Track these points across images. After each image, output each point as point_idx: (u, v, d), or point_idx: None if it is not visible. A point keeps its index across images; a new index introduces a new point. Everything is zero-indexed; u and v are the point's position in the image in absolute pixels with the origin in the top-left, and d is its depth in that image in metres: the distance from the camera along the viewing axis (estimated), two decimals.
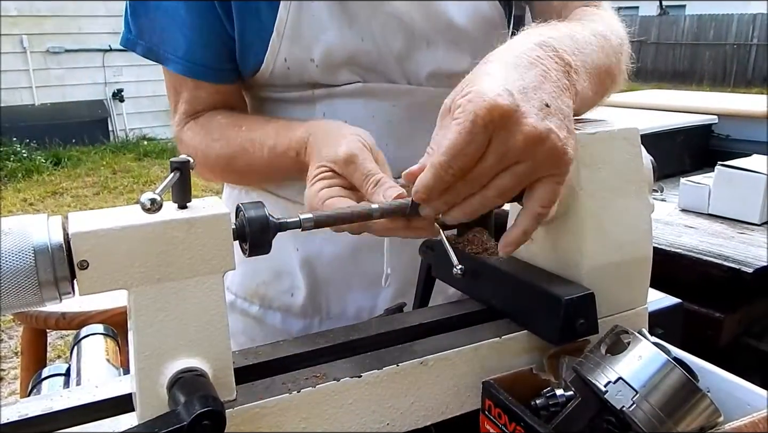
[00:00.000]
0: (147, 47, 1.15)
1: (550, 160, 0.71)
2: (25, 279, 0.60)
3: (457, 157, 0.69)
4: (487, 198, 0.73)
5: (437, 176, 0.70)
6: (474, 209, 0.74)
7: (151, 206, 0.60)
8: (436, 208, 0.75)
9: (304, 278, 1.26)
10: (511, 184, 0.72)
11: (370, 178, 0.85)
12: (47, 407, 0.73)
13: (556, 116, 0.72)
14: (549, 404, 0.77)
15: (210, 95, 1.19)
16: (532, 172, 0.72)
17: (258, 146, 1.07)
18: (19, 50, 9.69)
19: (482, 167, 0.70)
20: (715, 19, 20.83)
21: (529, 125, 0.69)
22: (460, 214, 0.75)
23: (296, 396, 0.73)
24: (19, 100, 9.77)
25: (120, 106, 10.59)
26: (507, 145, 0.69)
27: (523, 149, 0.69)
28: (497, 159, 0.70)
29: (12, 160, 8.69)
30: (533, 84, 0.73)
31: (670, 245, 1.98)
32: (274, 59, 1.12)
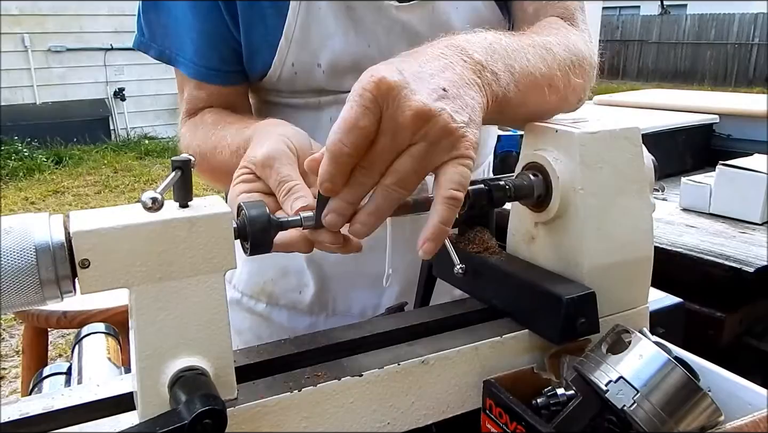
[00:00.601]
0: (159, 50, 1.18)
1: (445, 140, 0.71)
2: (27, 278, 0.60)
3: (350, 131, 0.68)
4: (387, 189, 0.71)
5: (332, 156, 0.69)
6: (379, 208, 0.72)
7: (152, 205, 0.60)
8: (340, 213, 0.73)
9: (312, 275, 1.27)
10: (409, 167, 0.70)
11: (284, 184, 0.82)
12: (48, 405, 0.73)
13: (453, 101, 0.72)
14: (550, 403, 0.77)
15: (209, 95, 1.19)
16: (430, 154, 0.71)
17: (224, 144, 1.06)
18: (20, 49, 9.70)
19: (377, 148, 0.69)
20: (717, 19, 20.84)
21: (417, 101, 0.69)
22: (366, 219, 0.73)
23: (297, 395, 0.73)
24: (20, 99, 9.78)
25: (121, 105, 10.59)
26: (397, 121, 0.69)
27: (413, 124, 0.69)
28: (390, 137, 0.69)
29: (13, 159, 8.69)
30: (430, 71, 0.74)
31: (671, 244, 1.98)
32: (282, 64, 1.13)
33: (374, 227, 0.74)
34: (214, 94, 1.19)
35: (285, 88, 1.17)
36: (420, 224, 0.78)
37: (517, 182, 0.87)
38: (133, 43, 1.20)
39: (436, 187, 0.72)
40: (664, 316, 1.12)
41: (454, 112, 0.71)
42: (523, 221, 0.95)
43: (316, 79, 1.14)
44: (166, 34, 1.16)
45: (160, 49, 1.18)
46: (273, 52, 1.12)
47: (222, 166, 1.06)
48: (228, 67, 1.16)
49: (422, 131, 0.70)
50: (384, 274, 1.19)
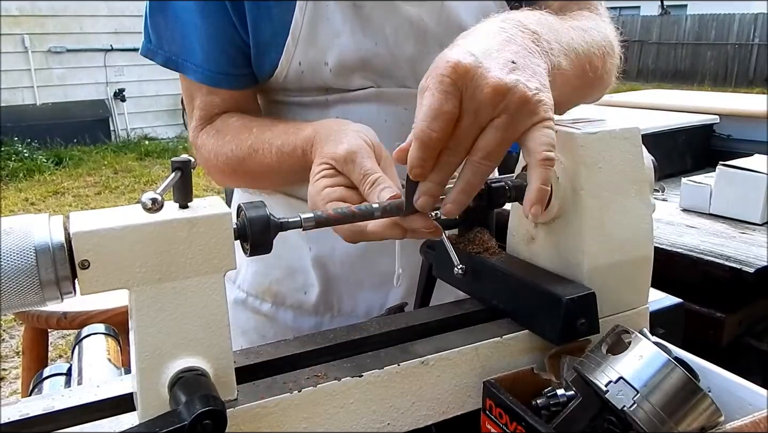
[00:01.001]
0: (166, 57, 1.17)
1: (525, 109, 0.73)
2: (27, 279, 0.60)
3: (436, 118, 0.71)
4: (476, 164, 0.74)
5: (422, 143, 0.72)
6: (468, 184, 0.75)
7: (152, 206, 0.60)
8: (431, 194, 0.76)
9: (317, 276, 1.27)
10: (494, 140, 0.73)
11: (368, 177, 0.85)
12: (48, 406, 0.73)
13: (523, 71, 0.75)
14: (550, 403, 0.77)
15: (224, 100, 1.19)
16: (512, 124, 0.73)
17: (267, 147, 1.07)
18: (20, 50, 9.70)
19: (461, 128, 0.72)
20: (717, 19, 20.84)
21: (494, 77, 0.72)
22: (457, 197, 0.76)
23: (297, 396, 0.73)
24: (20, 100, 9.79)
25: (121, 105, 10.59)
26: (477, 100, 0.72)
27: (493, 100, 0.72)
28: (473, 116, 0.72)
29: (13, 160, 8.69)
30: (497, 47, 0.76)
31: (671, 244, 1.98)
32: (289, 63, 1.13)
33: (466, 204, 0.77)
34: (228, 99, 1.19)
35: (292, 87, 1.17)
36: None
37: (517, 183, 0.87)
38: (140, 50, 1.20)
39: (526, 154, 0.75)
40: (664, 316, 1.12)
41: (526, 81, 0.74)
42: (523, 222, 0.95)
43: (323, 77, 1.14)
44: (174, 40, 1.16)
45: (167, 56, 1.17)
46: (280, 52, 1.12)
47: (264, 167, 1.09)
48: (238, 71, 1.16)
49: (502, 105, 0.72)
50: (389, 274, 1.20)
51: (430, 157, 0.73)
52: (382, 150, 0.92)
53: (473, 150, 0.74)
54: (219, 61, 1.14)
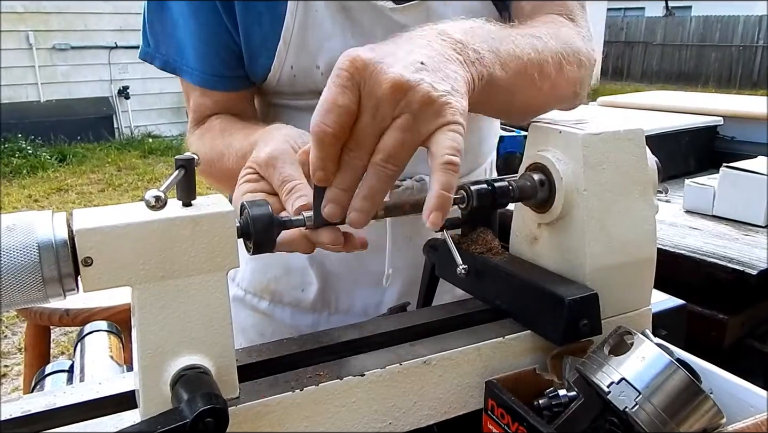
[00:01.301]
0: (164, 60, 1.19)
1: (429, 110, 0.70)
2: (30, 275, 0.60)
3: (330, 111, 0.68)
4: (378, 167, 0.70)
5: (317, 139, 0.68)
6: (372, 189, 0.71)
7: (155, 204, 0.60)
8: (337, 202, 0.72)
9: (315, 273, 1.28)
10: (396, 140, 0.69)
11: (286, 184, 0.82)
12: (50, 403, 0.74)
13: (432, 73, 0.71)
14: (552, 404, 0.77)
15: (215, 102, 1.20)
16: (415, 124, 0.70)
17: (231, 150, 1.07)
18: (25, 47, 9.71)
19: (361, 126, 0.69)
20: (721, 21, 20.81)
21: (393, 73, 0.69)
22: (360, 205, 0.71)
23: (299, 394, 0.73)
24: (24, 97, 9.79)
25: (125, 103, 10.60)
26: (376, 96, 0.68)
27: (393, 97, 0.68)
28: (372, 113, 0.69)
29: (17, 157, 8.70)
30: (408, 50, 0.74)
31: (674, 246, 1.98)
32: (281, 66, 1.14)
33: (371, 212, 0.72)
34: (220, 101, 1.20)
35: (285, 90, 1.18)
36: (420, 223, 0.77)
37: (520, 183, 0.87)
38: (138, 53, 1.21)
39: (430, 158, 0.70)
40: (667, 318, 1.12)
41: (433, 81, 0.70)
42: (526, 222, 0.95)
43: (315, 80, 1.14)
44: (170, 44, 1.17)
45: (164, 59, 1.19)
46: (272, 56, 1.13)
47: (228, 172, 1.06)
48: (231, 73, 1.17)
49: (403, 103, 0.69)
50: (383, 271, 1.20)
51: (329, 157, 0.69)
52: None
53: (375, 151, 0.70)
54: (212, 63, 1.15)
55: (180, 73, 1.19)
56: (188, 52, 1.16)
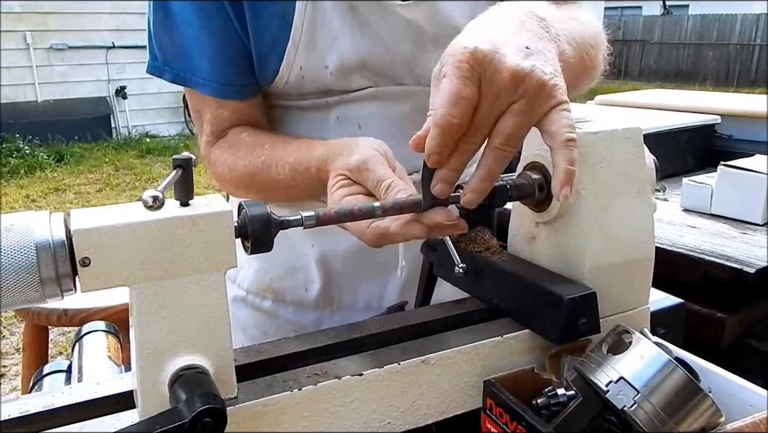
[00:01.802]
0: (174, 73, 1.18)
1: (543, 93, 0.73)
2: (27, 276, 0.60)
3: (456, 103, 0.70)
4: (497, 150, 0.73)
5: (442, 129, 0.71)
6: (489, 171, 0.74)
7: (153, 203, 0.60)
8: (447, 181, 0.75)
9: (319, 272, 1.28)
10: (513, 124, 0.73)
11: (382, 182, 0.86)
12: (48, 403, 0.73)
13: (537, 56, 0.75)
14: (550, 403, 0.77)
15: (233, 113, 1.19)
16: (531, 109, 0.73)
17: (280, 163, 1.08)
18: (22, 47, 9.71)
19: (480, 114, 0.72)
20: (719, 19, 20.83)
21: (511, 62, 0.72)
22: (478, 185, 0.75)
23: (297, 394, 0.73)
24: (22, 97, 9.79)
25: (123, 103, 10.60)
26: (496, 85, 0.71)
27: (511, 85, 0.71)
28: (492, 101, 0.72)
29: (15, 157, 8.70)
30: (510, 33, 0.77)
31: (672, 244, 1.98)
32: (290, 68, 1.14)
33: (487, 191, 0.76)
34: (237, 111, 1.19)
35: (293, 91, 1.18)
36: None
37: (518, 182, 0.87)
38: (146, 68, 1.20)
39: (548, 138, 0.75)
40: (665, 316, 1.12)
41: (542, 66, 0.74)
42: (524, 221, 0.95)
43: (323, 80, 1.15)
44: (179, 56, 1.16)
45: (174, 72, 1.17)
46: (281, 57, 1.13)
47: (277, 183, 1.09)
48: (245, 80, 1.17)
49: (521, 90, 0.72)
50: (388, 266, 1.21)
51: (448, 144, 0.72)
52: (394, 161, 0.93)
53: (493, 135, 0.73)
54: (227, 72, 1.15)
55: (193, 86, 1.18)
56: (200, 63, 1.15)
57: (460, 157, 0.74)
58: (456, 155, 0.74)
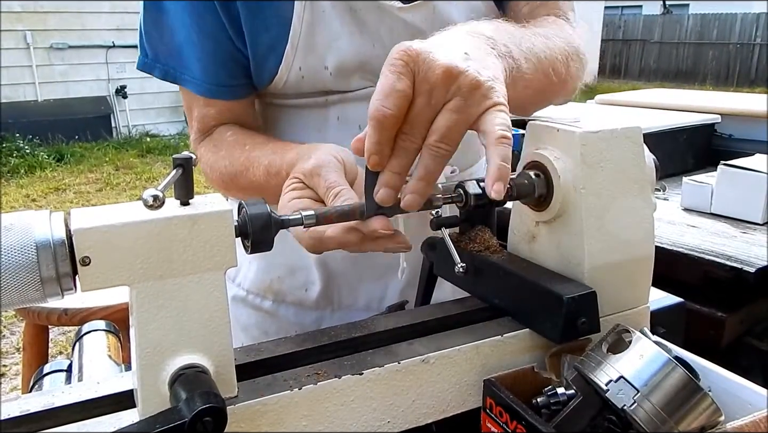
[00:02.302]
0: (164, 70, 1.19)
1: (478, 93, 0.74)
2: (27, 275, 0.60)
3: (389, 95, 0.71)
4: (433, 148, 0.73)
5: (377, 122, 0.71)
6: (428, 170, 0.74)
7: (153, 203, 0.60)
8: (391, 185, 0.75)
9: (319, 273, 1.28)
10: (448, 122, 0.73)
11: (332, 189, 0.86)
12: (49, 403, 0.73)
13: (475, 61, 0.77)
14: (550, 402, 0.77)
15: (219, 112, 1.20)
16: (466, 107, 0.74)
17: (256, 165, 1.08)
18: (22, 46, 9.70)
19: (415, 110, 0.73)
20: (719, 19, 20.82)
21: (445, 60, 0.73)
22: (416, 186, 0.75)
23: (298, 393, 0.73)
24: (22, 96, 9.78)
25: (123, 102, 10.59)
26: (430, 81, 0.72)
27: (445, 82, 0.73)
28: (426, 97, 0.73)
29: (15, 156, 8.69)
30: (451, 43, 0.80)
31: (672, 244, 1.98)
32: (289, 69, 1.14)
33: (427, 194, 0.76)
34: (224, 110, 1.20)
35: (291, 91, 1.18)
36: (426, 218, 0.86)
37: (518, 181, 0.87)
38: (136, 64, 1.21)
39: (483, 137, 0.75)
40: (665, 316, 1.12)
41: (479, 69, 0.75)
42: (524, 220, 0.95)
43: (323, 80, 1.15)
44: (170, 54, 1.17)
45: (164, 69, 1.18)
46: (279, 59, 1.13)
47: (254, 185, 1.09)
48: (236, 81, 1.17)
49: (454, 87, 0.73)
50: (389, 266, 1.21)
51: (386, 140, 0.73)
52: (356, 168, 0.93)
53: (431, 131, 0.74)
54: (217, 74, 1.15)
55: (183, 84, 1.19)
56: (191, 62, 1.15)
57: (401, 158, 0.74)
58: (396, 156, 0.74)
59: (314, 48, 1.12)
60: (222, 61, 1.14)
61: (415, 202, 0.76)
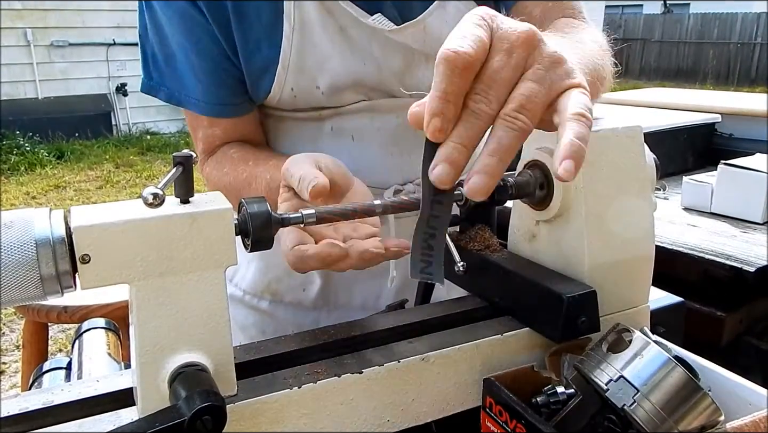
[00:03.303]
0: (168, 93, 1.19)
1: (561, 68, 0.63)
2: (27, 272, 0.60)
3: (464, 37, 0.59)
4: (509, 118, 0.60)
5: (450, 66, 0.58)
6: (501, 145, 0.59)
7: (153, 201, 0.60)
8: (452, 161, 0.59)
9: (318, 273, 1.29)
10: (531, 90, 0.61)
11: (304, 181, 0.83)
12: (48, 400, 0.73)
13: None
14: (550, 401, 0.77)
15: (225, 131, 1.21)
16: (549, 79, 0.62)
17: (258, 180, 1.09)
18: (23, 43, 9.69)
19: (493, 66, 0.60)
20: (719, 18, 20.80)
21: (526, 26, 0.62)
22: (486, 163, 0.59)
23: (297, 392, 0.73)
24: (22, 94, 9.78)
25: (123, 100, 10.59)
26: (510, 39, 0.61)
27: (526, 45, 0.61)
28: (505, 56, 0.60)
29: (15, 154, 8.70)
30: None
31: (672, 243, 1.98)
32: (281, 89, 1.15)
33: (499, 175, 0.59)
34: (229, 129, 1.21)
35: (286, 107, 1.19)
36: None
37: (518, 180, 0.87)
38: (140, 87, 1.21)
39: (558, 113, 0.62)
40: (665, 315, 1.12)
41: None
42: (525, 219, 0.95)
43: (316, 99, 1.16)
44: (172, 77, 1.17)
45: (169, 92, 1.19)
46: (272, 80, 1.14)
47: None
48: (237, 99, 1.18)
49: (536, 53, 0.62)
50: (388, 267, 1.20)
51: (455, 93, 0.58)
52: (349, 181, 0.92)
53: (510, 98, 0.60)
54: (218, 93, 1.16)
55: (186, 106, 1.19)
56: (192, 83, 1.16)
57: (469, 126, 0.59)
58: (463, 122, 0.59)
59: (305, 70, 1.13)
60: (221, 81, 1.15)
61: (484, 185, 0.59)
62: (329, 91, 1.15)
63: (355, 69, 1.14)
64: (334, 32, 1.12)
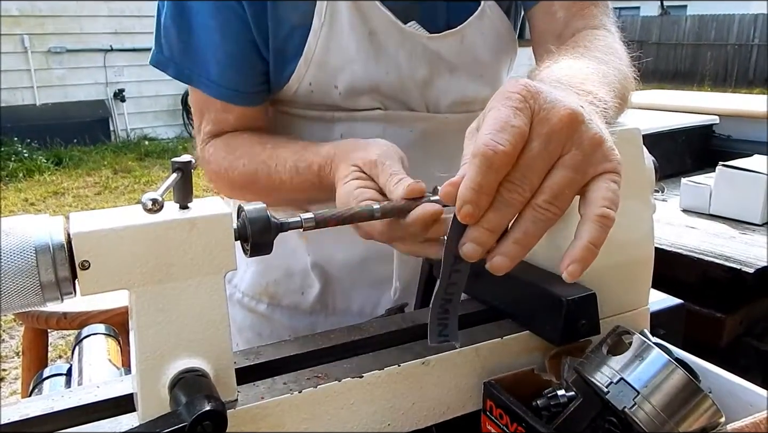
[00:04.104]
0: (178, 69, 1.16)
1: (599, 151, 0.62)
2: (27, 279, 0.60)
3: (503, 129, 0.58)
4: (539, 208, 0.61)
5: (486, 162, 0.57)
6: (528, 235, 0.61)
7: (152, 206, 0.60)
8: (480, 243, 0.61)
9: (316, 277, 1.28)
10: (564, 180, 0.60)
11: (394, 177, 0.84)
12: (48, 407, 0.73)
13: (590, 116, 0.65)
14: (550, 404, 0.77)
15: (237, 118, 1.19)
16: (584, 165, 0.61)
17: (281, 162, 1.07)
18: (20, 50, 9.69)
19: (529, 155, 0.59)
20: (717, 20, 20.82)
21: (570, 103, 0.61)
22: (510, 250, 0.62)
23: (297, 396, 0.73)
24: (20, 100, 9.78)
25: (121, 106, 10.59)
26: (550, 124, 0.60)
27: (568, 128, 0.60)
28: (543, 143, 0.59)
29: (13, 160, 8.69)
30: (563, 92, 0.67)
31: (671, 245, 1.98)
32: (299, 83, 1.14)
33: (518, 260, 0.62)
34: (241, 117, 1.19)
35: (300, 101, 1.18)
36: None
37: None
38: (150, 59, 1.18)
39: (584, 204, 0.63)
40: (665, 317, 1.12)
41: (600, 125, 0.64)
42: None
43: (332, 98, 1.15)
44: (188, 53, 1.14)
45: (179, 68, 1.16)
46: (293, 70, 1.13)
47: (275, 182, 1.08)
48: (252, 89, 1.16)
49: (576, 137, 0.61)
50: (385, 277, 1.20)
51: (489, 185, 0.58)
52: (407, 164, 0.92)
53: (540, 189, 0.60)
54: (236, 78, 1.14)
55: (197, 85, 1.16)
56: (210, 65, 1.13)
57: (500, 213, 0.60)
58: (494, 209, 0.60)
59: (326, 67, 1.12)
60: (242, 67, 1.13)
61: (504, 266, 0.62)
62: (346, 93, 1.14)
63: (376, 76, 1.14)
64: (362, 35, 1.12)
